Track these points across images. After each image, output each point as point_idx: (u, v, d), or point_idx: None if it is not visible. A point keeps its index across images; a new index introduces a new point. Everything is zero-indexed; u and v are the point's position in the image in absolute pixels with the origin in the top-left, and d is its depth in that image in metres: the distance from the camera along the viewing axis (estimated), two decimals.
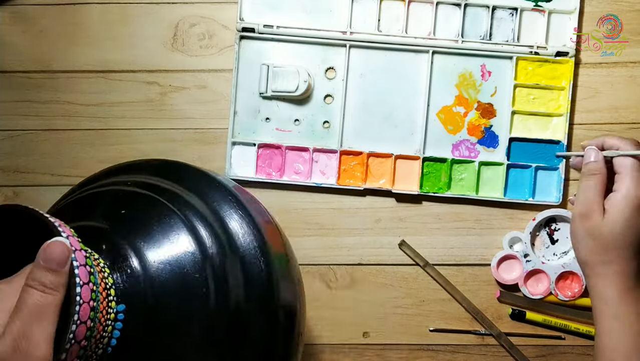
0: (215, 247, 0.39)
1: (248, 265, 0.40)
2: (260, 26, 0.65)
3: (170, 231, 0.39)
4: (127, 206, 0.41)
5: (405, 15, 0.65)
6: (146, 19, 0.67)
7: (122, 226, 0.39)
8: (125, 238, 0.38)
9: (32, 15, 0.67)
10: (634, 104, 0.66)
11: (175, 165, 0.47)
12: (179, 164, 0.47)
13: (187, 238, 0.39)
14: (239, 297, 0.39)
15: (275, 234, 0.45)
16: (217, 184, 0.44)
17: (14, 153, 0.67)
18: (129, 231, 0.39)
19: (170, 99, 0.67)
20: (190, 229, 0.39)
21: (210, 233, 0.40)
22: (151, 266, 0.37)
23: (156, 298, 0.37)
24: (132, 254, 0.37)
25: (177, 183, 0.43)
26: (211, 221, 0.41)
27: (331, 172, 0.66)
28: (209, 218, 0.41)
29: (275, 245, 0.43)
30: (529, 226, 0.65)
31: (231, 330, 0.38)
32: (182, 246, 0.39)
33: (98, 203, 0.42)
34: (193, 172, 0.46)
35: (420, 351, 0.66)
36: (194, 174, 0.45)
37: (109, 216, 0.40)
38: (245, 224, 0.42)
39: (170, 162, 0.47)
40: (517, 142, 0.66)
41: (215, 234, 0.40)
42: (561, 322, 0.65)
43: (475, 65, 0.65)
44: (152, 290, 0.37)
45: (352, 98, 0.66)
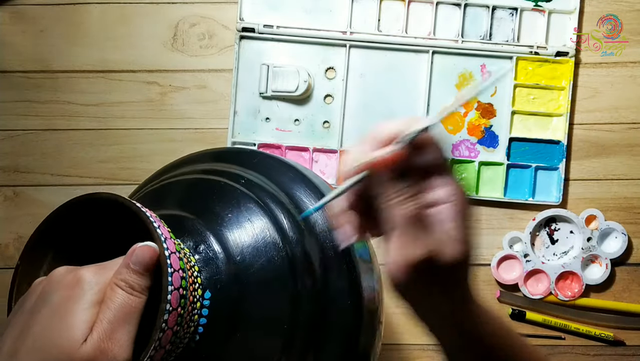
0: (293, 230, 0.38)
1: (325, 246, 0.39)
2: (260, 26, 0.65)
3: (248, 216, 0.39)
4: (203, 194, 0.41)
5: (405, 15, 0.65)
6: (146, 19, 0.67)
7: (201, 213, 0.39)
8: (207, 225, 0.38)
9: (32, 15, 0.67)
10: (634, 104, 0.66)
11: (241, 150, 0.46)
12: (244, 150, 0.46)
13: (266, 222, 0.38)
14: (319, 280, 0.38)
15: None
16: (286, 166, 0.43)
17: (14, 153, 0.67)
18: (208, 217, 0.38)
19: (170, 99, 0.67)
20: (266, 212, 0.39)
21: (287, 216, 0.39)
22: (234, 252, 0.37)
23: (240, 285, 0.36)
24: (215, 242, 0.37)
25: (246, 167, 0.42)
26: (286, 203, 0.40)
27: (331, 172, 0.66)
28: (283, 200, 0.40)
29: None
30: (529, 226, 0.65)
31: (315, 312, 0.37)
32: (261, 230, 0.38)
33: (173, 193, 0.42)
34: (260, 156, 0.45)
35: (420, 351, 0.66)
36: (261, 158, 0.44)
37: (187, 205, 0.40)
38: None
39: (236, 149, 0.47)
40: (517, 142, 0.65)
41: (292, 216, 0.39)
42: (561, 322, 0.65)
43: (475, 65, 0.65)
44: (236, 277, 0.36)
45: (352, 98, 0.66)
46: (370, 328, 0.41)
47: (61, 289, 0.30)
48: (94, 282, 0.30)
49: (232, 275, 0.36)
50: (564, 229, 0.65)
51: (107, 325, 0.29)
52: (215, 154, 0.46)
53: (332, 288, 0.38)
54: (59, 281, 0.31)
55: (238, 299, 0.36)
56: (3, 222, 0.67)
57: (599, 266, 0.65)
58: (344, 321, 0.38)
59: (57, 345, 0.29)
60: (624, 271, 0.66)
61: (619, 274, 0.66)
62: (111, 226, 0.34)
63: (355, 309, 0.39)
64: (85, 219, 0.34)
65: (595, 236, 0.64)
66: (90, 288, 0.30)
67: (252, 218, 0.39)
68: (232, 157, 0.45)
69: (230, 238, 0.38)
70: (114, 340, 0.29)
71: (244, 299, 0.36)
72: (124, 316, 0.30)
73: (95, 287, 0.30)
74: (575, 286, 0.65)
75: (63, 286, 0.30)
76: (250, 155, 0.45)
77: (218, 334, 0.36)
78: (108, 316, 0.29)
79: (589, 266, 0.66)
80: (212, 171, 0.43)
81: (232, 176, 0.42)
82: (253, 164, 0.43)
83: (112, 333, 0.29)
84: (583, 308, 0.65)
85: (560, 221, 0.65)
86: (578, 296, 0.65)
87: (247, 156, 0.45)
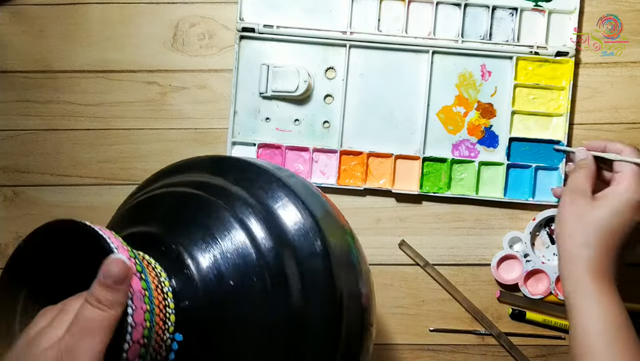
0: (268, 241, 0.38)
1: (304, 257, 0.39)
2: (260, 26, 0.65)
3: (223, 230, 0.38)
4: (181, 209, 0.40)
5: (405, 15, 0.65)
6: (146, 19, 0.67)
7: (176, 230, 0.39)
8: (181, 242, 0.38)
9: (32, 15, 0.67)
10: (634, 104, 0.66)
11: (225, 160, 0.46)
12: (229, 159, 0.46)
13: (242, 235, 0.38)
14: (297, 292, 0.37)
15: (333, 222, 0.43)
16: (266, 174, 0.43)
17: (14, 153, 0.67)
18: (184, 234, 0.38)
19: (170, 99, 0.67)
20: (242, 226, 0.39)
21: (263, 227, 0.39)
22: (206, 268, 0.37)
23: (213, 301, 0.36)
24: (188, 258, 0.37)
25: (227, 179, 0.42)
26: (263, 214, 0.39)
27: (331, 172, 0.66)
28: (260, 211, 0.39)
29: (333, 235, 0.41)
30: (529, 226, 0.65)
31: (292, 325, 0.37)
32: (236, 244, 0.38)
33: (154, 207, 0.42)
34: (242, 166, 0.44)
35: (420, 351, 0.66)
36: (244, 168, 0.44)
37: (165, 220, 0.40)
38: (299, 214, 0.40)
39: (220, 158, 0.46)
40: (517, 142, 0.66)
41: (268, 227, 0.39)
42: (561, 322, 0.65)
43: (475, 65, 0.65)
44: (210, 294, 0.36)
45: (352, 98, 0.66)
46: (358, 333, 0.41)
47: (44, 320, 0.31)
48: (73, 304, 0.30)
49: (208, 293, 0.36)
50: None
51: (68, 338, 0.29)
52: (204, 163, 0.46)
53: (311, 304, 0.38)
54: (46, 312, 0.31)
55: (214, 318, 0.36)
56: (3, 222, 0.67)
57: None
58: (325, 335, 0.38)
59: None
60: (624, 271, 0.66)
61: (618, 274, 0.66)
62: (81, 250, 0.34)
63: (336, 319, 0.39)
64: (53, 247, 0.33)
65: None
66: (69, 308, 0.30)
67: (228, 233, 0.38)
68: (217, 167, 0.44)
69: (204, 256, 0.37)
70: (73, 352, 0.28)
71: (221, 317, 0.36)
72: (88, 329, 0.29)
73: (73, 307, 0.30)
74: None
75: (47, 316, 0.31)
76: (234, 165, 0.45)
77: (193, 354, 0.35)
78: (72, 329, 0.29)
79: None
80: (196, 183, 0.42)
81: (214, 190, 0.41)
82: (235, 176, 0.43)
83: (73, 347, 0.28)
84: None
85: None
86: None
87: (230, 165, 0.45)
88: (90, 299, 0.29)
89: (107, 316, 0.29)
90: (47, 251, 0.33)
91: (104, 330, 0.29)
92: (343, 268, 0.41)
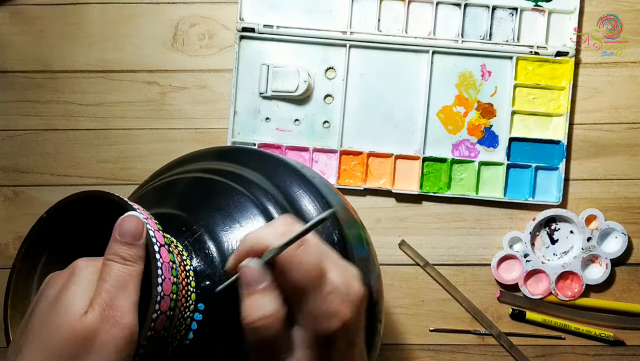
0: None
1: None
2: (260, 26, 0.65)
3: (244, 214, 0.39)
4: (201, 192, 0.40)
5: (405, 15, 0.65)
6: (146, 19, 0.67)
7: (197, 212, 0.39)
8: (202, 223, 0.38)
9: (32, 15, 0.67)
10: (634, 104, 0.66)
11: (242, 149, 0.46)
12: (245, 149, 0.46)
13: (261, 220, 0.38)
14: None
15: (349, 217, 0.43)
16: (286, 165, 0.43)
17: (14, 153, 0.67)
18: (204, 217, 0.38)
19: (170, 99, 0.67)
20: (262, 211, 0.39)
21: (281, 212, 0.39)
22: (228, 250, 0.37)
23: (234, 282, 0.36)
24: (209, 240, 0.37)
25: (246, 166, 0.42)
26: (283, 203, 0.40)
27: (331, 172, 0.66)
28: (280, 200, 0.40)
29: (349, 228, 0.42)
30: (529, 226, 0.65)
31: None
32: (254, 224, 0.38)
33: (171, 191, 0.42)
34: (260, 155, 0.45)
35: (420, 351, 0.66)
36: (261, 157, 0.44)
37: (184, 203, 0.40)
38: (318, 204, 0.41)
39: (237, 147, 0.47)
40: (517, 142, 0.66)
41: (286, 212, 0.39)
42: (561, 322, 0.65)
43: (475, 65, 0.65)
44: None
45: (352, 98, 0.66)
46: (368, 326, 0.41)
47: (57, 283, 0.31)
48: (88, 265, 0.31)
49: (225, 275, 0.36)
50: (564, 229, 0.65)
51: (105, 295, 0.30)
52: (218, 153, 0.46)
53: None
54: (55, 277, 0.31)
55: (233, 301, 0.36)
56: (3, 222, 0.67)
57: (599, 266, 0.65)
58: None
59: (57, 325, 0.29)
60: (624, 271, 0.66)
61: (619, 274, 0.66)
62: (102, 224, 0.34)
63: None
64: (79, 217, 0.34)
65: (595, 236, 0.64)
66: (83, 270, 0.31)
67: (247, 214, 0.39)
68: (233, 156, 0.44)
69: (224, 238, 0.38)
70: (114, 306, 0.29)
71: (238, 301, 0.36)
72: (121, 284, 0.30)
73: (90, 268, 0.31)
74: (575, 286, 0.65)
75: (59, 280, 0.31)
76: (252, 154, 0.45)
77: (211, 335, 0.35)
78: (106, 287, 0.30)
79: (589, 266, 0.66)
80: (213, 170, 0.43)
81: (232, 176, 0.41)
82: (254, 164, 0.43)
83: (112, 301, 0.29)
84: (583, 308, 0.65)
85: (560, 221, 0.65)
86: (578, 296, 0.65)
87: (248, 155, 0.45)
88: (114, 258, 0.31)
89: (135, 270, 0.30)
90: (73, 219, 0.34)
91: (135, 284, 0.30)
92: (357, 259, 0.41)
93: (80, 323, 0.29)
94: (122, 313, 0.29)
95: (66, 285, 0.30)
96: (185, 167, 0.45)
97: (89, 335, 0.29)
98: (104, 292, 0.30)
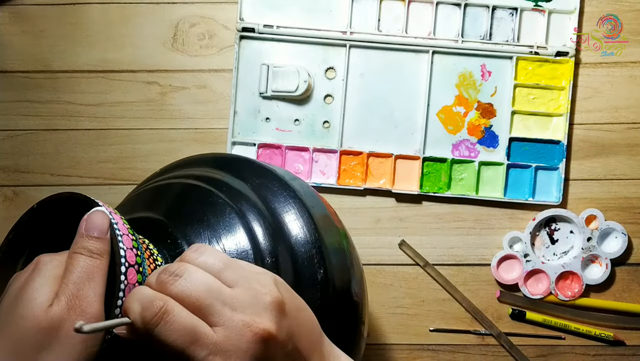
0: (267, 241, 0.39)
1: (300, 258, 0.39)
2: (260, 26, 0.65)
3: (229, 231, 0.39)
4: (186, 200, 0.41)
5: (405, 15, 0.65)
6: (146, 19, 0.67)
7: (179, 219, 0.39)
8: (182, 231, 0.38)
9: (32, 15, 0.67)
10: (634, 104, 0.66)
11: (238, 159, 0.47)
12: (241, 159, 0.47)
13: (242, 232, 0.39)
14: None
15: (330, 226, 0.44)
16: (278, 179, 0.43)
17: (14, 153, 0.67)
18: (185, 224, 0.39)
19: (170, 99, 0.67)
20: (246, 228, 0.39)
21: (263, 227, 0.39)
22: None
23: None
24: (185, 244, 0.38)
25: (238, 178, 0.43)
26: (269, 220, 0.40)
27: (331, 172, 0.66)
28: (267, 217, 0.40)
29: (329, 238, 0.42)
30: (529, 226, 0.65)
31: None
32: (236, 239, 0.38)
33: (163, 196, 0.42)
34: (254, 167, 0.45)
35: (420, 351, 0.66)
36: (255, 168, 0.45)
37: (172, 211, 0.40)
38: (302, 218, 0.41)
39: (233, 157, 0.47)
40: (517, 142, 0.66)
41: (268, 228, 0.39)
42: (561, 322, 0.65)
43: (475, 65, 0.65)
44: None
45: (352, 98, 0.66)
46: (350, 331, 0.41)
47: (21, 279, 0.31)
48: (52, 260, 0.32)
49: None
50: (564, 229, 0.65)
51: (72, 286, 0.30)
52: (214, 160, 0.46)
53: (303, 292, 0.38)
54: (19, 274, 0.32)
55: None
56: (3, 222, 0.67)
57: (599, 266, 0.65)
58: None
59: (20, 316, 0.29)
60: (624, 271, 0.66)
61: (619, 274, 0.66)
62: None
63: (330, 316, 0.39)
64: (56, 221, 0.35)
65: (595, 236, 0.64)
66: (47, 264, 0.31)
67: (228, 224, 0.39)
68: (228, 165, 0.45)
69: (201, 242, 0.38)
70: (80, 297, 0.30)
71: None
72: (88, 276, 0.30)
73: (54, 262, 0.31)
74: (575, 286, 0.65)
75: (22, 276, 0.32)
76: (246, 164, 0.45)
77: None
78: (72, 278, 0.30)
79: (589, 266, 0.66)
80: (207, 178, 0.43)
81: (224, 187, 0.42)
82: (247, 176, 0.43)
83: (78, 292, 0.30)
84: (583, 308, 0.65)
85: (560, 221, 0.65)
86: (578, 296, 0.65)
87: (243, 165, 0.45)
88: (81, 251, 0.31)
89: (101, 263, 0.31)
90: (52, 219, 0.35)
91: (101, 276, 0.31)
92: (336, 267, 0.41)
93: (44, 315, 0.29)
94: (88, 303, 0.30)
95: (30, 279, 0.31)
96: (180, 172, 0.45)
97: (55, 325, 0.29)
98: (70, 283, 0.30)
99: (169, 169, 0.47)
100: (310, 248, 0.40)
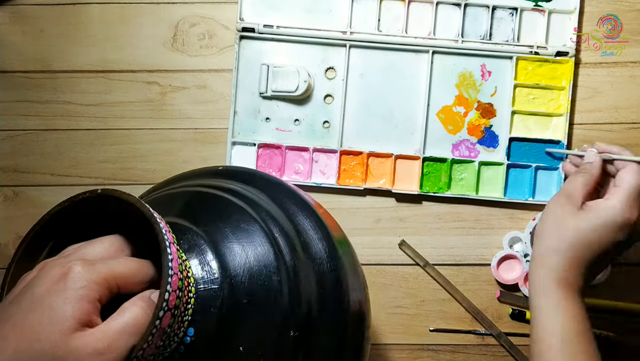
0: (289, 253, 0.39)
1: (320, 271, 0.40)
2: (260, 26, 0.65)
3: (248, 234, 0.39)
4: (207, 206, 0.41)
5: (405, 15, 0.65)
6: (146, 19, 0.67)
7: (201, 225, 0.39)
8: (205, 237, 0.38)
9: (32, 15, 0.67)
10: (634, 104, 0.66)
11: (252, 172, 0.48)
12: (256, 172, 0.48)
13: (265, 242, 0.39)
14: (312, 303, 0.39)
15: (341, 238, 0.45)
16: (291, 192, 0.45)
17: (14, 153, 0.67)
18: (208, 230, 0.39)
19: (170, 99, 0.67)
20: (267, 234, 0.40)
21: (286, 239, 0.40)
22: (228, 266, 0.37)
23: (232, 299, 0.36)
24: (211, 254, 0.37)
25: (255, 189, 0.44)
26: (287, 229, 0.41)
27: (331, 172, 0.66)
28: (285, 226, 0.41)
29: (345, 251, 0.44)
30: (529, 226, 0.65)
31: (302, 334, 0.38)
32: (259, 250, 0.39)
33: (178, 202, 0.42)
34: (266, 179, 0.46)
35: (420, 351, 0.66)
36: (267, 181, 0.46)
37: (189, 215, 0.40)
38: (318, 230, 0.42)
39: (248, 170, 0.48)
40: (517, 142, 0.66)
41: (290, 240, 0.40)
42: None
43: (475, 65, 0.65)
44: (229, 291, 0.37)
45: (352, 98, 0.66)
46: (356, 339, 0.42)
47: (46, 283, 0.30)
48: (81, 278, 0.30)
49: (226, 292, 0.37)
50: None
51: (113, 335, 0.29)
52: (217, 172, 0.47)
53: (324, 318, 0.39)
54: (46, 272, 0.30)
55: (227, 318, 0.36)
56: (3, 222, 0.67)
57: None
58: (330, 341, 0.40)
59: (37, 334, 0.28)
60: (624, 271, 0.66)
61: (618, 274, 0.66)
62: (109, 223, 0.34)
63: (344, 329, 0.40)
64: (88, 214, 0.34)
65: None
66: (74, 283, 0.30)
67: (254, 239, 0.39)
68: (234, 176, 0.45)
69: (228, 255, 0.38)
70: (113, 348, 0.29)
71: (233, 318, 0.36)
72: (135, 330, 0.30)
73: (81, 283, 0.30)
74: None
75: (48, 279, 0.30)
76: (253, 176, 0.46)
77: (203, 349, 0.36)
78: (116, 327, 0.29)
79: None
80: (216, 186, 0.43)
81: (235, 193, 0.42)
82: (257, 185, 0.44)
83: (115, 343, 0.29)
84: None
85: None
86: None
87: (249, 176, 0.46)
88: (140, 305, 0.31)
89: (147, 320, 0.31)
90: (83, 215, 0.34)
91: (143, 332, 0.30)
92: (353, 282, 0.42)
93: (63, 342, 0.28)
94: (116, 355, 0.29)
95: (53, 291, 0.29)
96: (193, 182, 0.45)
97: (69, 358, 0.28)
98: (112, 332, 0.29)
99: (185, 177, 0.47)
100: (327, 255, 0.41)
